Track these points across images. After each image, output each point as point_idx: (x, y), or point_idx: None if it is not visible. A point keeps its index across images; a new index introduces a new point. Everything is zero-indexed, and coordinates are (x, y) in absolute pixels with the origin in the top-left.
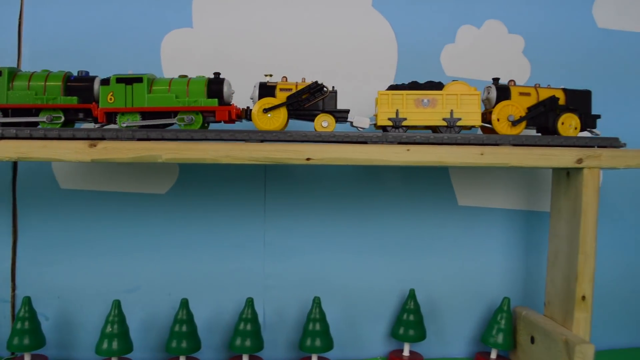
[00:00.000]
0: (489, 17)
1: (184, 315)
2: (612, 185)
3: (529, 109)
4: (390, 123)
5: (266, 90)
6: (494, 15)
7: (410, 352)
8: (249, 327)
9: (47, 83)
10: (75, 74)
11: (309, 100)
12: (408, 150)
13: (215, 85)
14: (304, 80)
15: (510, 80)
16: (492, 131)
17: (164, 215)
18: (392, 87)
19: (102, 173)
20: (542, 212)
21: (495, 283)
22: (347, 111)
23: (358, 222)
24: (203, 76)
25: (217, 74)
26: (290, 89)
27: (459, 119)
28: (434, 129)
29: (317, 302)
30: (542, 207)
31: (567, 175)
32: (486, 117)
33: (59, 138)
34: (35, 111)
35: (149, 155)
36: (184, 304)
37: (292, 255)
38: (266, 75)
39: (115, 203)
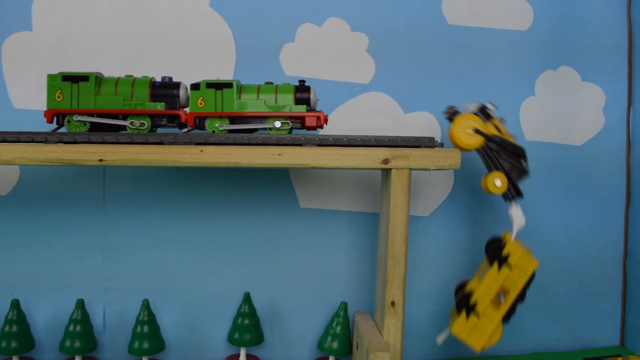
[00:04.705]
0: (330, 15)
1: (14, 315)
2: (463, 186)
3: None
4: None
5: (484, 115)
6: (336, 13)
7: (248, 356)
8: (78, 328)
9: (134, 89)
10: None
11: (501, 155)
12: (202, 151)
13: (302, 93)
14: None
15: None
16: None
17: (6, 216)
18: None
19: None
20: None
21: (340, 286)
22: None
23: (199, 224)
24: (289, 83)
25: (302, 82)
26: (500, 131)
27: None
28: None
29: (145, 304)
30: None
31: (386, 177)
32: None
33: None
34: (122, 116)
35: None
36: (14, 304)
37: (133, 257)
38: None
39: None
